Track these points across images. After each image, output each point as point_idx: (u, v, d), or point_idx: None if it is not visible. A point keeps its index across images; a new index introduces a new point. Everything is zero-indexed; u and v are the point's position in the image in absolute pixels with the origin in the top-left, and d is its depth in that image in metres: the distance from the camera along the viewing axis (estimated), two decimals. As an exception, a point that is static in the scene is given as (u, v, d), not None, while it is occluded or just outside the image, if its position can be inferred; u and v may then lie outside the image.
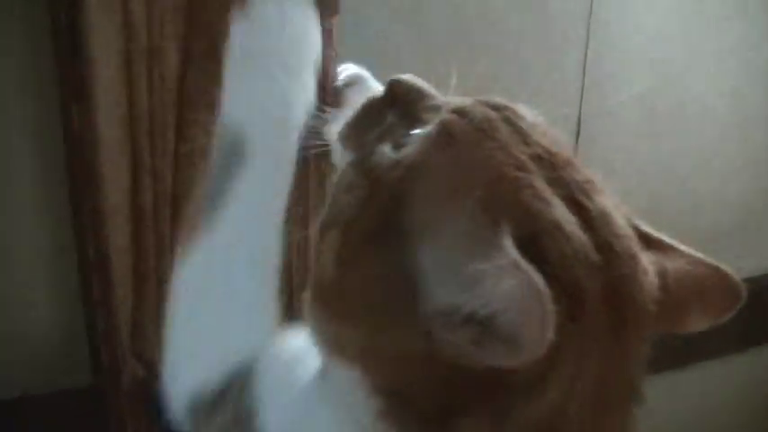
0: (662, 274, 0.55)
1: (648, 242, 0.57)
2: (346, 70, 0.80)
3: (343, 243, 0.53)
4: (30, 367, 1.03)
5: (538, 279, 0.43)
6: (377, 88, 0.77)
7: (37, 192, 0.96)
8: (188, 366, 0.66)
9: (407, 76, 0.61)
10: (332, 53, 0.74)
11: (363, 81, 0.80)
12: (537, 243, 0.47)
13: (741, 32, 1.54)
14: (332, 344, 0.54)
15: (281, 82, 0.66)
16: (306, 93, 0.68)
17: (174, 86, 0.70)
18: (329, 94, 0.75)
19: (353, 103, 0.77)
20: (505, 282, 0.44)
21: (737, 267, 1.76)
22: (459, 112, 0.54)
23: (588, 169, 0.54)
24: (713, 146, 1.59)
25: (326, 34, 0.72)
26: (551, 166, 0.52)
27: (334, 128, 0.63)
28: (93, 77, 0.68)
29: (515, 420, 0.48)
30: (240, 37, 0.67)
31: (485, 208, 0.48)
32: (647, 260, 0.54)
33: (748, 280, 1.77)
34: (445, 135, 0.52)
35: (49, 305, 1.01)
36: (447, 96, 0.59)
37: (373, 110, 0.61)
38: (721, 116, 1.57)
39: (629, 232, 0.54)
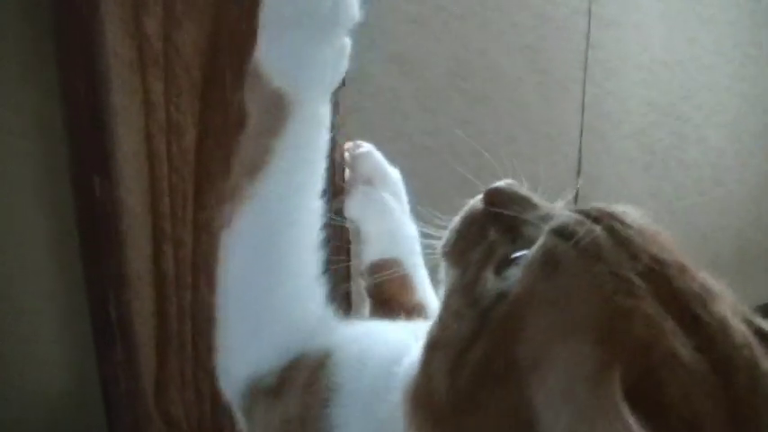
0: None
1: None
2: (357, 147, 0.82)
3: (456, 370, 0.51)
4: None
5: None
6: (384, 165, 0.81)
7: (51, 255, 0.99)
8: (241, 349, 0.65)
9: (504, 184, 0.57)
10: (338, 123, 0.77)
11: (372, 158, 0.82)
12: (653, 377, 0.45)
13: (736, 65, 1.58)
14: None
15: (315, 41, 0.65)
16: (340, 56, 0.66)
17: (193, 159, 0.73)
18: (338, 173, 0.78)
19: (362, 180, 0.80)
20: None
21: (742, 297, 1.77)
22: (562, 232, 0.50)
23: (701, 272, 0.50)
24: (712, 177, 1.62)
25: (333, 107, 0.75)
26: (663, 278, 0.49)
27: (440, 241, 0.59)
28: (117, 151, 0.72)
29: None
30: None
31: (596, 347, 0.46)
32: None
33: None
34: (550, 263, 0.50)
35: (64, 369, 1.04)
36: (550, 204, 0.55)
37: (474, 223, 0.57)
38: (719, 148, 1.61)
39: (750, 339, 0.49)
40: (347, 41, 0.68)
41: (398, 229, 0.81)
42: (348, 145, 0.82)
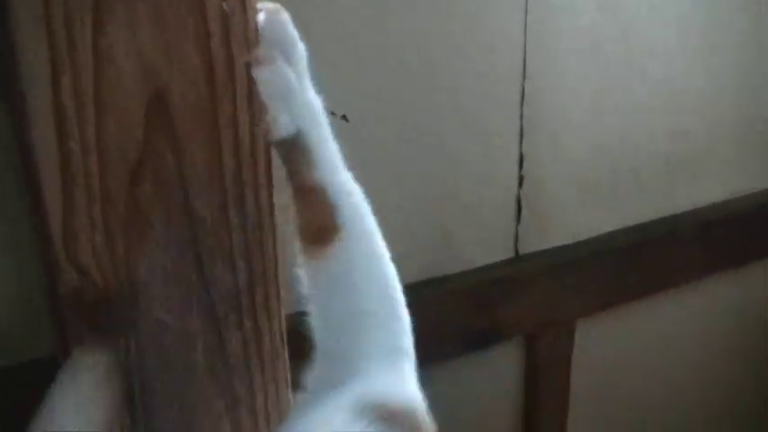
0: None
1: None
2: (277, 12, 0.77)
3: None
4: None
5: None
6: (296, 37, 0.76)
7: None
8: None
9: None
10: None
11: (289, 27, 0.76)
12: None
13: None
14: None
15: None
16: None
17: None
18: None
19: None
20: None
21: (701, 194, 1.75)
22: None
23: None
24: (661, 77, 1.60)
25: None
26: None
27: None
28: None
29: None
30: None
31: None
32: None
33: (710, 207, 1.77)
34: None
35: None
36: None
37: None
38: (667, 46, 1.59)
39: None
40: None
41: (303, 104, 0.76)
42: (267, 5, 0.77)
